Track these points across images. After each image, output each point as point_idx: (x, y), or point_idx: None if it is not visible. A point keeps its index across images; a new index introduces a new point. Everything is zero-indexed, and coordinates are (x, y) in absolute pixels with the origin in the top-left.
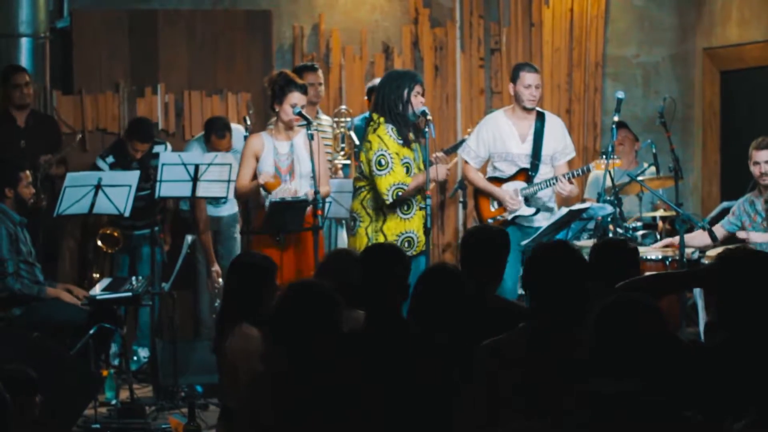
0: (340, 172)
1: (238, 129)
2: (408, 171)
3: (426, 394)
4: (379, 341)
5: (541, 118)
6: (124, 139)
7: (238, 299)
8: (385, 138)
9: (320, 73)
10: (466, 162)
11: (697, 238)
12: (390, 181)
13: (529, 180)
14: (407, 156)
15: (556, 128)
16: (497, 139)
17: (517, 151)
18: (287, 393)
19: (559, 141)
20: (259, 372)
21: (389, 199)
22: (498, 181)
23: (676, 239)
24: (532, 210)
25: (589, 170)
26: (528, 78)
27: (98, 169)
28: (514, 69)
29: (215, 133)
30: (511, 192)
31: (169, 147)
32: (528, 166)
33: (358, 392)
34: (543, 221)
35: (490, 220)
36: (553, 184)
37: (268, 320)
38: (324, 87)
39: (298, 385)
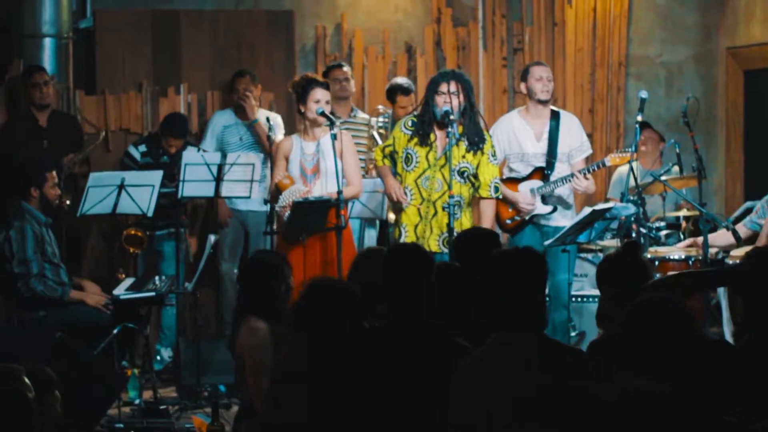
0: (373, 172)
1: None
2: (408, 161)
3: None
4: (400, 339)
5: (555, 116)
6: (158, 133)
7: (248, 296)
8: (398, 124)
9: (346, 68)
10: None
11: (720, 237)
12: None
13: (545, 179)
14: (412, 148)
15: (571, 126)
16: (512, 139)
17: (533, 151)
18: (307, 390)
19: (575, 138)
20: (279, 369)
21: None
22: (514, 181)
23: (699, 239)
24: (550, 208)
25: (604, 165)
26: (538, 71)
27: (130, 155)
28: (523, 70)
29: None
30: (526, 195)
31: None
32: (543, 164)
33: (379, 389)
34: (561, 219)
35: (507, 221)
36: (569, 180)
37: (289, 317)
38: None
39: (318, 382)
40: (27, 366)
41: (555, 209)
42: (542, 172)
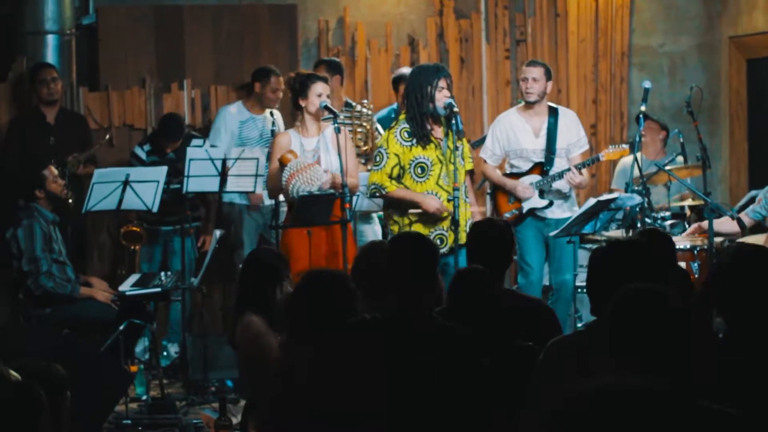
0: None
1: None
2: (423, 171)
3: (446, 385)
4: (402, 330)
5: (554, 113)
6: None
7: (247, 292)
8: (390, 138)
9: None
10: (484, 161)
11: (725, 224)
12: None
13: (543, 174)
14: (422, 155)
15: (569, 122)
16: (511, 136)
17: (531, 147)
18: (306, 383)
19: (572, 134)
20: (278, 364)
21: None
22: (514, 176)
23: (704, 223)
24: (545, 202)
25: (598, 160)
26: (523, 71)
27: (136, 156)
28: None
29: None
30: (524, 182)
31: (208, 143)
32: (542, 160)
33: (380, 381)
34: (559, 211)
35: (506, 215)
36: (565, 174)
37: (283, 311)
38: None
39: (316, 375)
40: (41, 365)
41: (551, 203)
42: (541, 168)
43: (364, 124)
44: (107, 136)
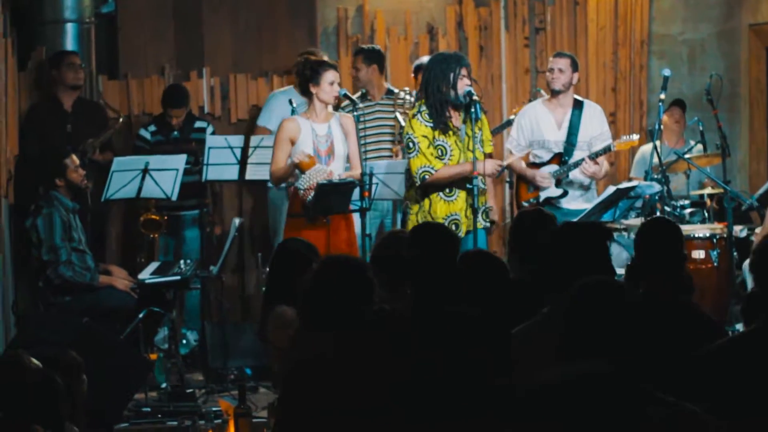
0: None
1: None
2: (443, 154)
3: (458, 371)
4: (422, 319)
5: (579, 105)
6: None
7: (277, 283)
8: (414, 122)
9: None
10: (510, 151)
11: None
12: (418, 164)
13: (562, 164)
14: (441, 139)
15: (594, 115)
16: (534, 127)
17: (553, 138)
18: (324, 373)
19: (596, 128)
20: (296, 355)
21: (417, 181)
22: (535, 166)
23: None
24: (560, 191)
25: (610, 149)
26: (549, 62)
27: (142, 138)
28: None
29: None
30: (544, 172)
31: (210, 128)
32: (562, 151)
33: (395, 374)
34: (574, 203)
35: (524, 203)
36: (581, 164)
37: (301, 299)
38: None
39: (334, 365)
40: (54, 351)
41: (566, 193)
42: (560, 158)
43: (407, 111)
44: (120, 121)
